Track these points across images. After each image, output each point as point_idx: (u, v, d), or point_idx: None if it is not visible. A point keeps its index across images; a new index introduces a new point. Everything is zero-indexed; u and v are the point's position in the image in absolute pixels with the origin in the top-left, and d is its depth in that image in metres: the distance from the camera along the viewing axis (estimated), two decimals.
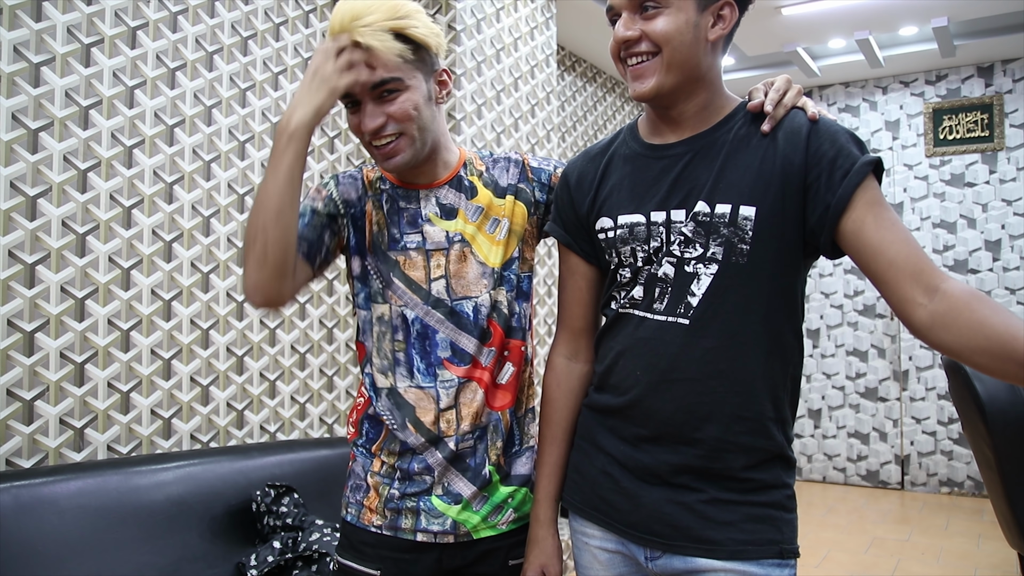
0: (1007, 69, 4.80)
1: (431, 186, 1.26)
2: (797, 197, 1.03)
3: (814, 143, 1.03)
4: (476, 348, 1.22)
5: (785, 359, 1.08)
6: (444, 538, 1.22)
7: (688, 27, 1.04)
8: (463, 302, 1.23)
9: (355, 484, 1.28)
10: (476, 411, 1.22)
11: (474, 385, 1.22)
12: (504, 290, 1.25)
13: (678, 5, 1.04)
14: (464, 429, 1.22)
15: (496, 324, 1.24)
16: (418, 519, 1.22)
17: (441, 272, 1.23)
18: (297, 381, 2.55)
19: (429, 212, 1.25)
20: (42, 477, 1.71)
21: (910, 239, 0.99)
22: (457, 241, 1.24)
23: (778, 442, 1.07)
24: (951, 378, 2.52)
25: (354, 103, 1.17)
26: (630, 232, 1.11)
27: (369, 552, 1.24)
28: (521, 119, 3.25)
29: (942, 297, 0.94)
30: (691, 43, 1.05)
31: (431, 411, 1.21)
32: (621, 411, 1.12)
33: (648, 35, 1.05)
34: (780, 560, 1.04)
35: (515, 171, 1.31)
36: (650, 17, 1.05)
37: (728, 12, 1.07)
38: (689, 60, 1.06)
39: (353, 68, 1.11)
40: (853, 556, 3.65)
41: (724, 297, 1.05)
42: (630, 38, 1.06)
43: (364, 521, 1.25)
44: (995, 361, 0.90)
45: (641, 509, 1.09)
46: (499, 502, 1.25)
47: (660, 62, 1.05)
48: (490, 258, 1.25)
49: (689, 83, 1.07)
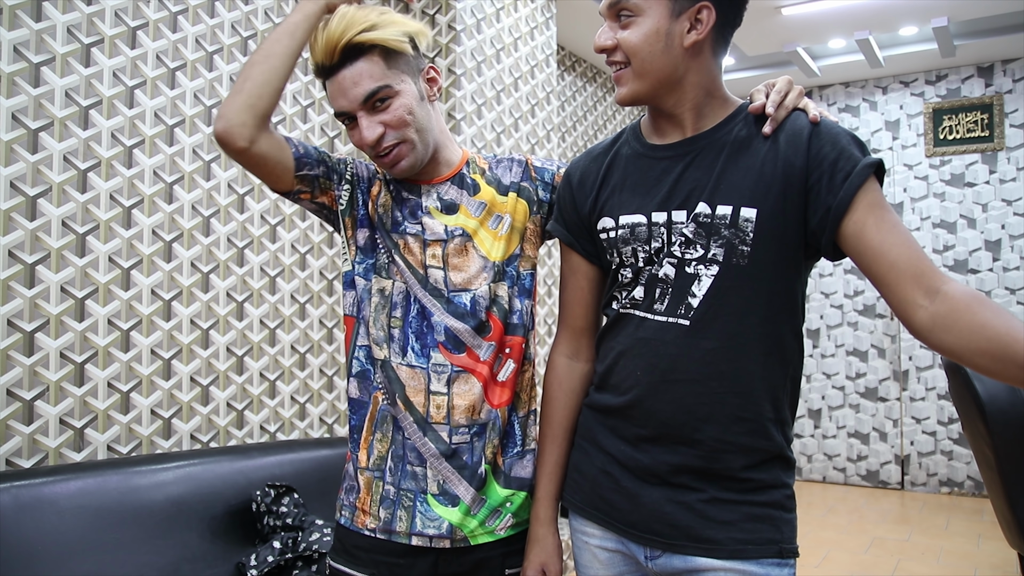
0: (1007, 69, 4.80)
1: (432, 182, 1.27)
2: (798, 199, 1.04)
3: (815, 145, 1.03)
4: (472, 338, 1.22)
5: (785, 360, 1.09)
6: (440, 542, 1.20)
7: (658, 37, 1.05)
8: (461, 294, 1.23)
9: (348, 485, 1.27)
10: (472, 405, 1.21)
11: (470, 377, 1.22)
12: (505, 285, 1.25)
13: (650, 13, 1.05)
14: (459, 422, 1.21)
15: (495, 318, 1.24)
16: (413, 521, 1.20)
17: (438, 263, 1.24)
18: (297, 381, 2.55)
19: (429, 205, 1.26)
20: (42, 477, 1.71)
21: (911, 241, 0.99)
22: (458, 235, 1.24)
23: (777, 443, 1.08)
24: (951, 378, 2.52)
25: (350, 119, 1.19)
26: (631, 232, 1.11)
27: (363, 556, 1.22)
28: (521, 119, 3.25)
29: (943, 299, 0.94)
30: (661, 52, 1.06)
31: (421, 392, 1.21)
32: (621, 411, 1.12)
33: (620, 45, 1.07)
34: (780, 559, 1.05)
35: (518, 170, 1.32)
36: (624, 27, 1.07)
37: (706, 15, 1.06)
38: (662, 69, 1.07)
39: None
40: (853, 556, 3.65)
41: (725, 298, 1.05)
42: (606, 47, 1.09)
43: (358, 524, 1.23)
44: (995, 363, 0.90)
45: (641, 508, 1.10)
46: (496, 505, 1.23)
47: (631, 71, 1.08)
48: (492, 252, 1.25)
49: (664, 89, 1.08)
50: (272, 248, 2.47)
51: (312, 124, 2.63)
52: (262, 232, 2.44)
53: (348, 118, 1.19)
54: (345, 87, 1.16)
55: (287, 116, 2.54)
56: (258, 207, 2.42)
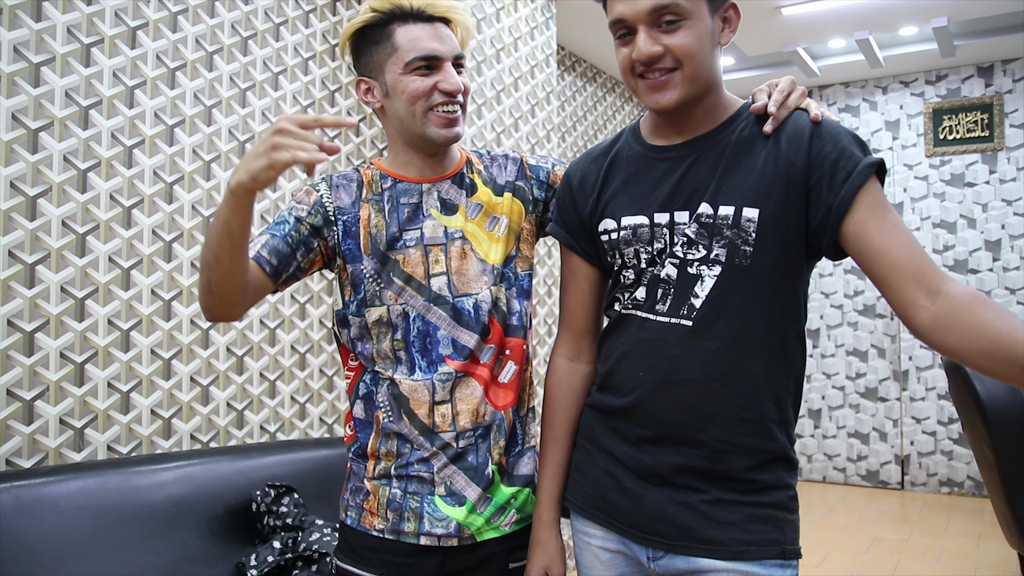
0: (1007, 69, 4.80)
1: (435, 180, 1.27)
2: (800, 199, 1.04)
3: (816, 145, 1.03)
4: (476, 344, 1.22)
5: (788, 360, 1.08)
6: (448, 541, 1.21)
7: (709, 38, 1.04)
8: (464, 299, 1.23)
9: (355, 487, 1.27)
10: (475, 408, 1.21)
11: (472, 381, 1.22)
12: (504, 287, 1.25)
13: (697, 15, 1.03)
14: (464, 426, 1.21)
15: (496, 321, 1.24)
16: (421, 522, 1.20)
17: (442, 268, 1.23)
18: (297, 381, 2.55)
19: (430, 207, 1.25)
20: (42, 477, 1.71)
21: (912, 241, 0.99)
22: (457, 238, 1.24)
23: (781, 443, 1.07)
24: (951, 378, 2.52)
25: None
26: (633, 233, 1.11)
27: (371, 557, 1.22)
28: (521, 119, 3.25)
29: (944, 299, 0.94)
30: (709, 53, 1.05)
31: (425, 403, 1.21)
32: (624, 412, 1.12)
33: (672, 50, 1.03)
34: (783, 560, 1.05)
35: (513, 168, 1.32)
36: (671, 31, 1.02)
37: (733, 14, 1.08)
38: (710, 69, 1.06)
39: (284, 150, 0.99)
40: (853, 556, 3.65)
41: (727, 299, 1.05)
42: (656, 54, 1.03)
43: (365, 525, 1.23)
44: (996, 364, 0.90)
45: (644, 509, 1.09)
46: (502, 503, 1.24)
47: (682, 75, 1.04)
48: (490, 255, 1.25)
49: (706, 90, 1.08)
50: None
51: None
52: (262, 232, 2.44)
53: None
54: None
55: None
56: (258, 207, 2.42)
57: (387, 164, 1.29)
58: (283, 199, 2.49)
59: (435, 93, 1.19)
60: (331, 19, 2.73)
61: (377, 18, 1.22)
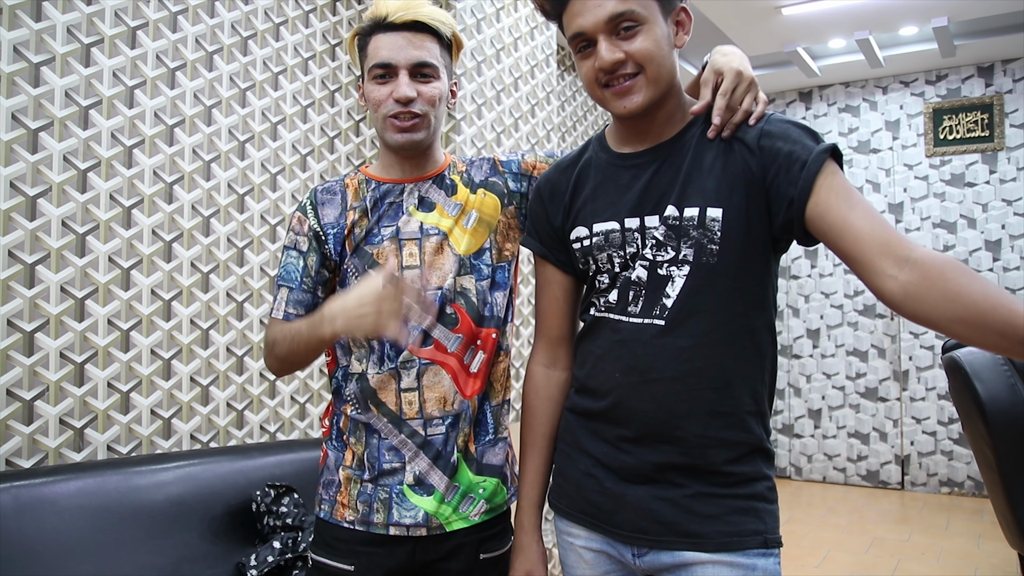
0: (1007, 69, 4.80)
1: (416, 180, 1.31)
2: (759, 197, 1.06)
3: (767, 144, 1.06)
4: (441, 332, 1.26)
5: (760, 353, 1.11)
6: (416, 531, 1.24)
7: (664, 40, 1.08)
8: (436, 292, 1.27)
9: (327, 480, 1.31)
10: (443, 396, 1.25)
11: (439, 370, 1.25)
12: (473, 278, 1.29)
13: (652, 19, 1.07)
14: (432, 414, 1.25)
15: (462, 310, 1.28)
16: (390, 512, 1.24)
17: (415, 261, 1.27)
18: (297, 381, 2.55)
19: (409, 205, 1.30)
20: (42, 477, 1.71)
21: (875, 215, 1.00)
22: (434, 234, 1.28)
23: (757, 435, 1.10)
24: (951, 378, 2.51)
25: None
26: (606, 239, 1.14)
27: (343, 548, 1.26)
28: (521, 119, 3.25)
29: (913, 267, 0.93)
30: (668, 55, 1.09)
31: (392, 391, 1.25)
32: (603, 413, 1.14)
33: (632, 55, 1.07)
34: (765, 550, 1.07)
35: (487, 168, 1.37)
36: (629, 37, 1.06)
37: (685, 17, 1.12)
38: (670, 71, 1.10)
39: (393, 319, 1.10)
40: (853, 556, 3.65)
41: (698, 297, 1.07)
42: (618, 60, 1.07)
43: (337, 517, 1.27)
44: (974, 331, 0.89)
45: (626, 508, 1.11)
46: (468, 491, 1.27)
47: (645, 78, 1.08)
48: (460, 246, 1.29)
49: (668, 92, 1.11)
50: (272, 248, 2.47)
51: (312, 124, 2.63)
52: (262, 232, 2.44)
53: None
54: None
55: (287, 116, 2.54)
56: (258, 207, 2.42)
57: (374, 168, 1.35)
58: (283, 199, 2.50)
59: (389, 102, 1.25)
60: (331, 19, 2.73)
61: (363, 27, 1.29)
